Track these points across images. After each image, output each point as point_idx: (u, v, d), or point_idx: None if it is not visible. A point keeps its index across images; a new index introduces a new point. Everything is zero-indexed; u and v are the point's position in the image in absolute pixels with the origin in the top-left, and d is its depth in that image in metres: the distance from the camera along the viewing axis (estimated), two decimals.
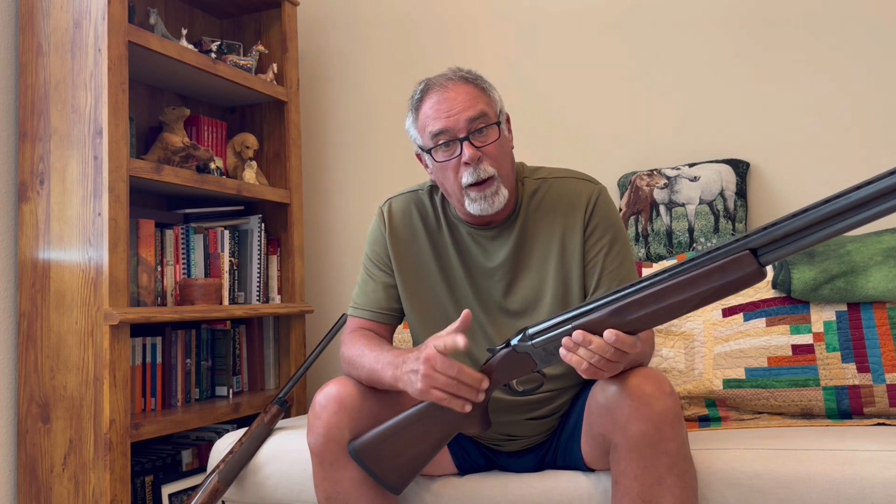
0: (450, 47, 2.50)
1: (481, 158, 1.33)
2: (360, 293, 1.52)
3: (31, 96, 1.91)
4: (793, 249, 1.01)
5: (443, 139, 1.35)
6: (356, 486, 1.33)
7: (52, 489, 1.80)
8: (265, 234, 2.37)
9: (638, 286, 1.12)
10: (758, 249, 1.03)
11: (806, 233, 0.99)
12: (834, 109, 2.05)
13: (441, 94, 1.35)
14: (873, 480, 1.27)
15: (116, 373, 1.76)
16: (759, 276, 1.04)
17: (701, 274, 1.07)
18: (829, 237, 0.98)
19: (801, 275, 1.69)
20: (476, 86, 1.37)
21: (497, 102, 1.40)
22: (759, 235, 1.02)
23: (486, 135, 1.35)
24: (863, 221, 0.95)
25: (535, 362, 1.22)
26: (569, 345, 1.14)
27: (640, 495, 1.19)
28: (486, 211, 1.37)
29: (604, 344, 1.11)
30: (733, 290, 1.06)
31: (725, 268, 1.05)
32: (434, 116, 1.35)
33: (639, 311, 1.11)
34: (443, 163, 1.36)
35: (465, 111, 1.33)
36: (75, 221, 1.82)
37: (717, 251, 1.06)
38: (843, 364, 1.64)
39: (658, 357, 1.79)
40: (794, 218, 0.99)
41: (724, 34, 2.17)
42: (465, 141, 1.33)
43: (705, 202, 2.02)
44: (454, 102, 1.34)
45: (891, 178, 0.92)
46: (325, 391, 1.37)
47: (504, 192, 1.36)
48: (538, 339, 1.20)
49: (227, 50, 2.29)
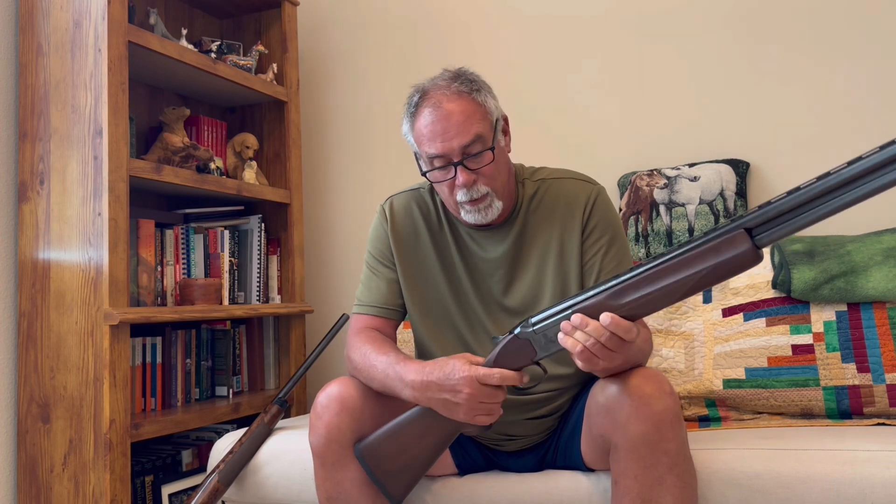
0: (449, 47, 2.50)
1: (476, 180, 1.35)
2: (363, 290, 1.52)
3: (31, 96, 1.91)
4: (789, 229, 1.00)
5: (438, 163, 1.36)
6: (357, 487, 1.33)
7: (52, 489, 1.80)
8: (265, 234, 2.37)
9: (635, 269, 1.12)
10: (753, 230, 1.03)
11: (801, 211, 0.98)
12: (834, 109, 2.05)
13: (436, 112, 1.35)
14: (873, 480, 1.27)
15: (116, 373, 1.76)
16: (753, 257, 1.03)
17: (696, 254, 1.07)
18: (825, 216, 0.97)
19: (801, 275, 1.69)
20: (471, 99, 1.36)
21: (493, 111, 1.39)
22: (753, 216, 1.02)
23: (481, 158, 1.35)
24: (858, 198, 0.95)
25: (534, 350, 1.22)
26: (567, 328, 1.15)
27: (640, 495, 1.19)
28: (480, 221, 1.40)
29: (599, 327, 1.11)
30: (728, 272, 1.05)
31: (719, 247, 1.05)
32: (429, 138, 1.35)
33: (635, 293, 1.11)
34: (439, 182, 1.39)
35: (459, 136, 1.33)
36: (75, 221, 1.82)
37: (712, 232, 1.06)
38: (843, 364, 1.64)
39: (658, 357, 1.79)
40: (788, 196, 0.99)
41: (725, 34, 2.17)
42: (459, 166, 1.34)
43: (705, 202, 2.03)
44: (448, 124, 1.33)
45: (883, 153, 0.92)
46: (327, 391, 1.37)
47: (498, 204, 1.38)
48: (539, 326, 1.21)
49: (227, 50, 2.29)
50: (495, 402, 1.23)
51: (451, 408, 1.24)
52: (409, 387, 1.28)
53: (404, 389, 1.29)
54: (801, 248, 1.74)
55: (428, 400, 1.26)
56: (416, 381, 1.27)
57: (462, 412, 1.23)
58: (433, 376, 1.24)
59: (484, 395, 1.22)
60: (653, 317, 1.81)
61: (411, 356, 1.39)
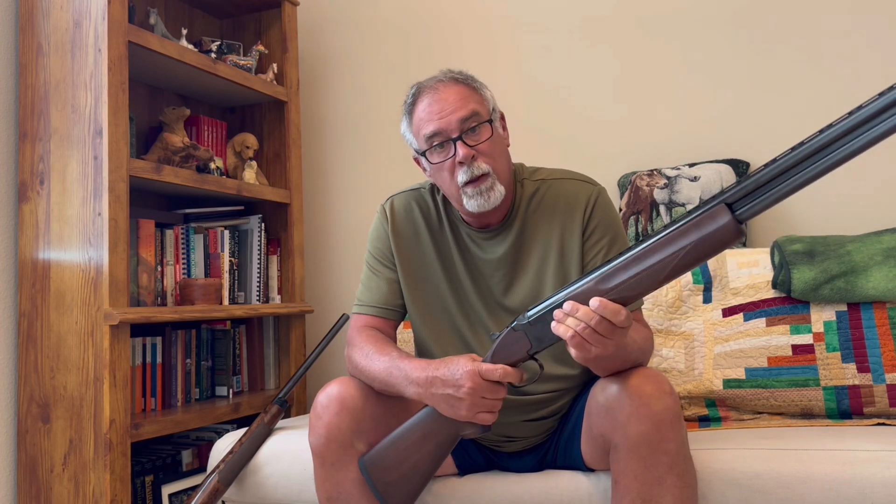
0: (449, 47, 2.50)
1: (475, 157, 1.35)
2: (363, 290, 1.52)
3: (31, 96, 1.91)
4: (769, 201, 1.02)
5: (436, 141, 1.36)
6: (357, 487, 1.33)
7: (52, 489, 1.80)
8: (265, 234, 2.37)
9: (623, 254, 1.14)
10: (733, 204, 1.05)
11: (778, 182, 1.01)
12: (834, 110, 2.04)
13: (432, 95, 1.37)
14: (873, 480, 1.27)
15: (116, 373, 1.76)
16: (735, 232, 1.05)
17: (679, 232, 1.08)
18: (802, 185, 1.00)
19: (801, 275, 1.69)
20: (467, 85, 1.39)
21: (489, 101, 1.41)
22: (733, 191, 1.04)
23: (479, 133, 1.36)
24: (830, 166, 0.97)
25: (529, 342, 1.22)
26: (559, 315, 1.15)
27: (640, 495, 1.19)
28: (483, 207, 1.37)
29: (589, 311, 1.12)
30: (711, 247, 1.07)
31: (701, 223, 1.07)
32: (427, 119, 1.37)
33: (622, 275, 1.12)
34: (438, 164, 1.38)
35: (457, 111, 1.35)
36: (75, 221, 1.82)
37: (694, 210, 1.08)
38: (843, 364, 1.64)
39: (658, 357, 1.79)
40: (765, 168, 1.01)
41: (725, 34, 2.17)
42: (458, 141, 1.34)
43: None
44: (445, 103, 1.36)
45: (851, 119, 0.94)
46: (326, 391, 1.37)
47: (500, 187, 1.37)
48: (533, 317, 1.22)
49: (227, 50, 2.29)
50: (497, 397, 1.23)
51: (454, 403, 1.24)
52: (413, 383, 1.28)
53: (408, 386, 1.29)
54: (801, 248, 1.74)
55: (431, 396, 1.26)
56: (420, 377, 1.27)
57: (465, 407, 1.23)
58: (438, 372, 1.25)
59: (486, 390, 1.22)
60: (653, 317, 1.81)
61: (413, 355, 1.39)
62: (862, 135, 0.94)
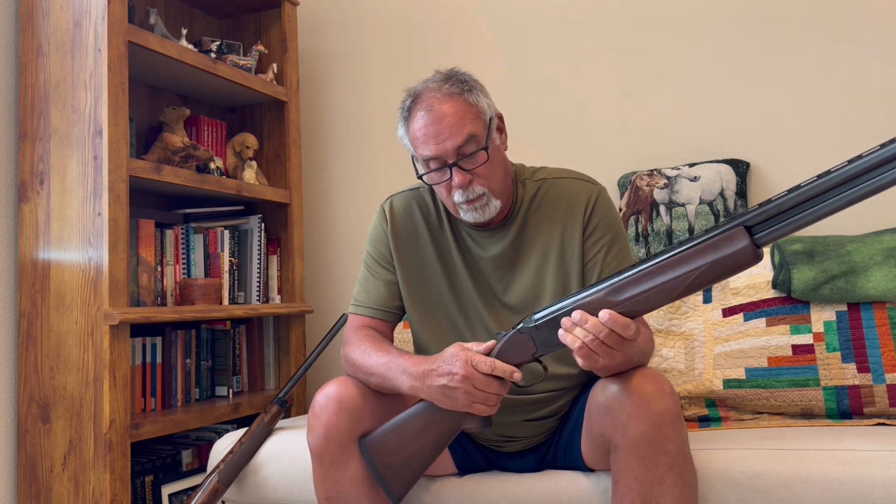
0: (449, 47, 2.50)
1: (472, 181, 1.35)
2: (361, 291, 1.52)
3: (31, 96, 1.91)
4: (789, 228, 1.00)
5: (433, 165, 1.37)
6: (356, 486, 1.33)
7: (52, 489, 1.80)
8: (265, 234, 2.37)
9: (635, 267, 1.13)
10: (752, 227, 1.03)
11: (801, 209, 0.98)
12: (834, 109, 2.05)
13: (428, 115, 1.35)
14: (873, 480, 1.27)
15: (116, 373, 1.76)
16: (752, 255, 1.03)
17: (694, 251, 1.07)
18: (825, 214, 0.97)
19: (802, 275, 1.69)
20: (463, 100, 1.36)
21: (486, 111, 1.38)
22: (753, 213, 1.02)
23: (476, 158, 1.35)
24: (858, 197, 0.95)
25: (535, 346, 1.22)
26: (567, 324, 1.15)
27: (640, 495, 1.19)
28: (479, 219, 1.40)
29: (598, 323, 1.12)
30: (726, 269, 1.05)
31: (718, 244, 1.05)
32: (423, 141, 1.36)
33: (634, 289, 1.11)
34: (436, 184, 1.39)
35: (453, 137, 1.33)
36: (75, 221, 1.82)
37: (712, 230, 1.06)
38: (843, 364, 1.64)
39: (658, 357, 1.79)
40: (788, 194, 0.99)
41: (725, 34, 2.16)
42: (454, 167, 1.34)
43: (705, 202, 2.03)
44: (441, 126, 1.34)
45: (883, 151, 0.92)
46: (325, 391, 1.37)
47: (495, 202, 1.38)
48: (541, 322, 1.21)
49: (227, 50, 2.29)
50: (489, 391, 1.22)
51: (450, 393, 1.23)
52: (410, 377, 1.28)
53: (405, 381, 1.29)
54: (801, 248, 1.74)
55: (428, 388, 1.26)
56: (416, 370, 1.27)
57: (460, 397, 1.23)
58: (433, 364, 1.26)
59: (479, 381, 1.21)
60: (653, 316, 1.81)
61: (411, 352, 1.39)
62: (893, 169, 0.91)
